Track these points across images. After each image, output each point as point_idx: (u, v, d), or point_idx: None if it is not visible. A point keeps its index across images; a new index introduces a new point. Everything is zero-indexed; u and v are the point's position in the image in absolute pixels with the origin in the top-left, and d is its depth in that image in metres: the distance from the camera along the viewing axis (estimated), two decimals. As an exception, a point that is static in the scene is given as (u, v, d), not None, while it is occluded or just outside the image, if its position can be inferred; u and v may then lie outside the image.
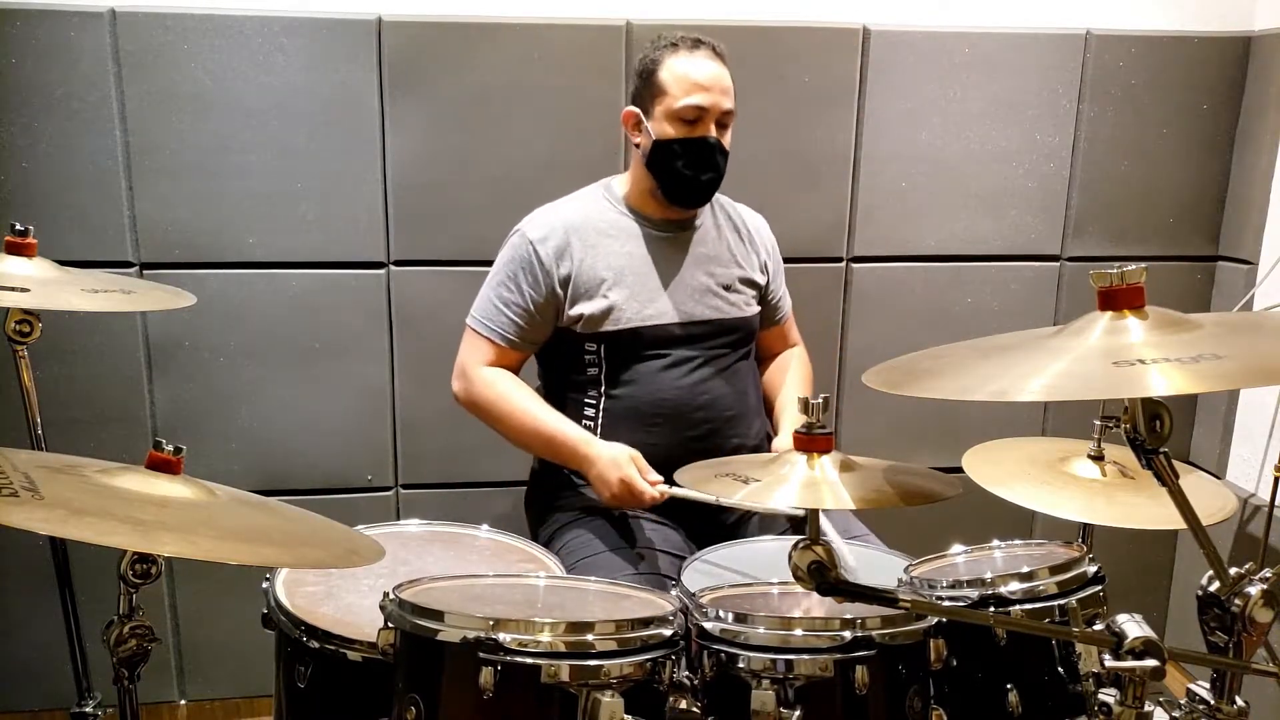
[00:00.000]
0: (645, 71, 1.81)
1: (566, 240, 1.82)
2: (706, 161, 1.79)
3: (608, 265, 1.82)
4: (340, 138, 2.17)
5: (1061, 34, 2.35)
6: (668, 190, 1.82)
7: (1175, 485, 1.00)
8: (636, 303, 1.82)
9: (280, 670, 1.43)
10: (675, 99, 1.76)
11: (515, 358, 1.87)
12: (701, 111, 1.76)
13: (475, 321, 1.87)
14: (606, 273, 1.81)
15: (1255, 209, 2.38)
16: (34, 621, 2.24)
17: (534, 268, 1.81)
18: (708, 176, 1.80)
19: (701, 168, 1.79)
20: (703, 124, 1.77)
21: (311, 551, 1.26)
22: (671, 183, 1.81)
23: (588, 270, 1.81)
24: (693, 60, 1.77)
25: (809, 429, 1.28)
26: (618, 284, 1.81)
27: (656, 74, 1.78)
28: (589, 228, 1.84)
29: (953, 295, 2.44)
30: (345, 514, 1.38)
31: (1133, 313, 1.07)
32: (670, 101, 1.77)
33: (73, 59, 2.05)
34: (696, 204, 1.88)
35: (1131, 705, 1.00)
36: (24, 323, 1.58)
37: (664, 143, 1.78)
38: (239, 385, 2.24)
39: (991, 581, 1.35)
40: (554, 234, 1.82)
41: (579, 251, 1.81)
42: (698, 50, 1.78)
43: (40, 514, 1.01)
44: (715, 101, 1.77)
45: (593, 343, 1.82)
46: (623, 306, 1.81)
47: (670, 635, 1.23)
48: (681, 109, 1.76)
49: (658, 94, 1.78)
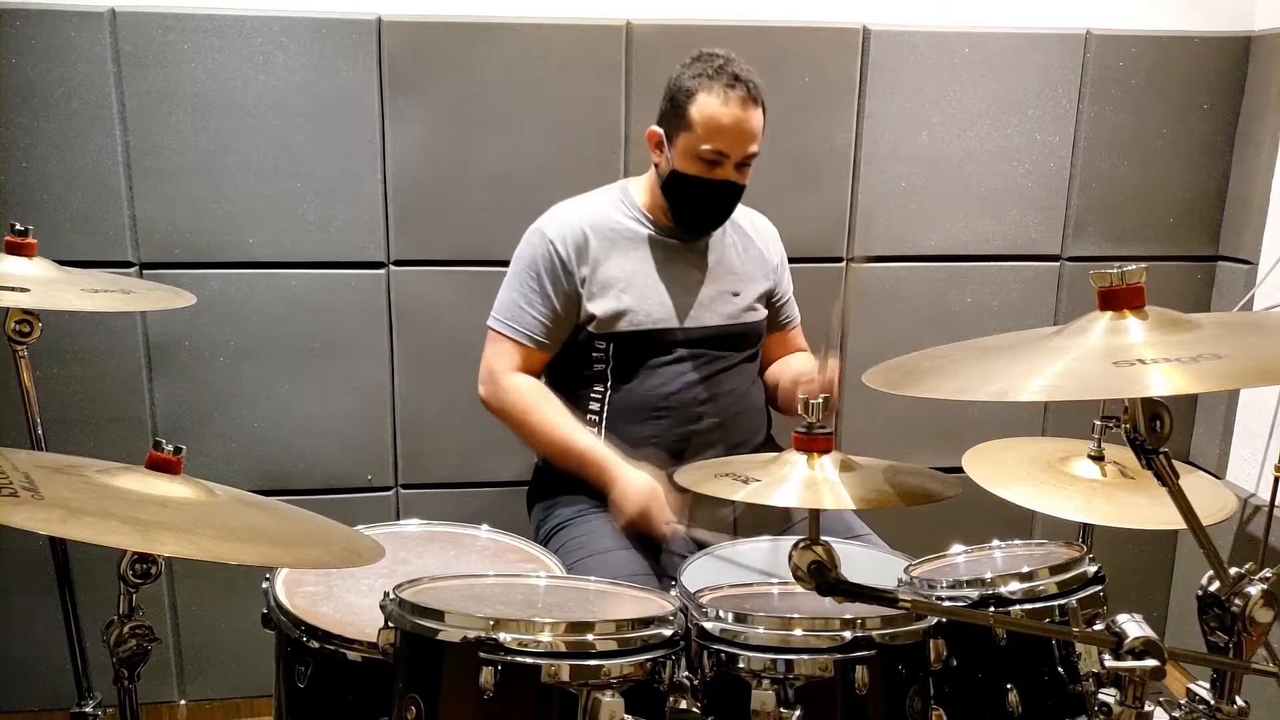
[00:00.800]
0: (676, 99, 1.76)
1: (585, 239, 1.83)
2: (721, 201, 1.82)
3: (621, 268, 1.83)
4: (340, 138, 2.17)
5: (1061, 34, 2.35)
6: (679, 218, 1.85)
7: (1175, 485, 1.00)
8: (647, 306, 1.83)
9: (280, 670, 1.43)
10: (700, 139, 1.74)
11: (540, 359, 1.87)
12: (723, 156, 1.75)
13: (499, 324, 1.86)
14: (620, 275, 1.83)
15: (1255, 209, 2.38)
16: (34, 621, 2.24)
17: (555, 266, 1.81)
18: (720, 212, 1.84)
19: (715, 205, 1.82)
20: (722, 167, 1.76)
21: (311, 551, 1.26)
22: (684, 214, 1.84)
23: (603, 271, 1.82)
24: (726, 105, 1.72)
25: (809, 429, 1.29)
26: (630, 287, 1.83)
27: (687, 108, 1.74)
28: (606, 228, 1.85)
29: (953, 295, 2.44)
30: (345, 514, 1.38)
31: (1133, 313, 1.07)
32: (694, 140, 1.74)
33: (72, 59, 2.05)
34: (705, 232, 1.90)
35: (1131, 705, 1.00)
36: (24, 323, 1.58)
37: (682, 176, 1.78)
38: (239, 385, 2.24)
39: (991, 581, 1.35)
40: (573, 232, 1.83)
41: (596, 251, 1.82)
42: (733, 91, 1.72)
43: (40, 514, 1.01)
44: (739, 147, 1.75)
45: (602, 341, 1.84)
46: (634, 309, 1.82)
47: (670, 635, 1.23)
48: (704, 152, 1.74)
49: (684, 127, 1.75)
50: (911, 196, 2.38)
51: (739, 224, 1.98)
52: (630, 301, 1.82)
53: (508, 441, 2.26)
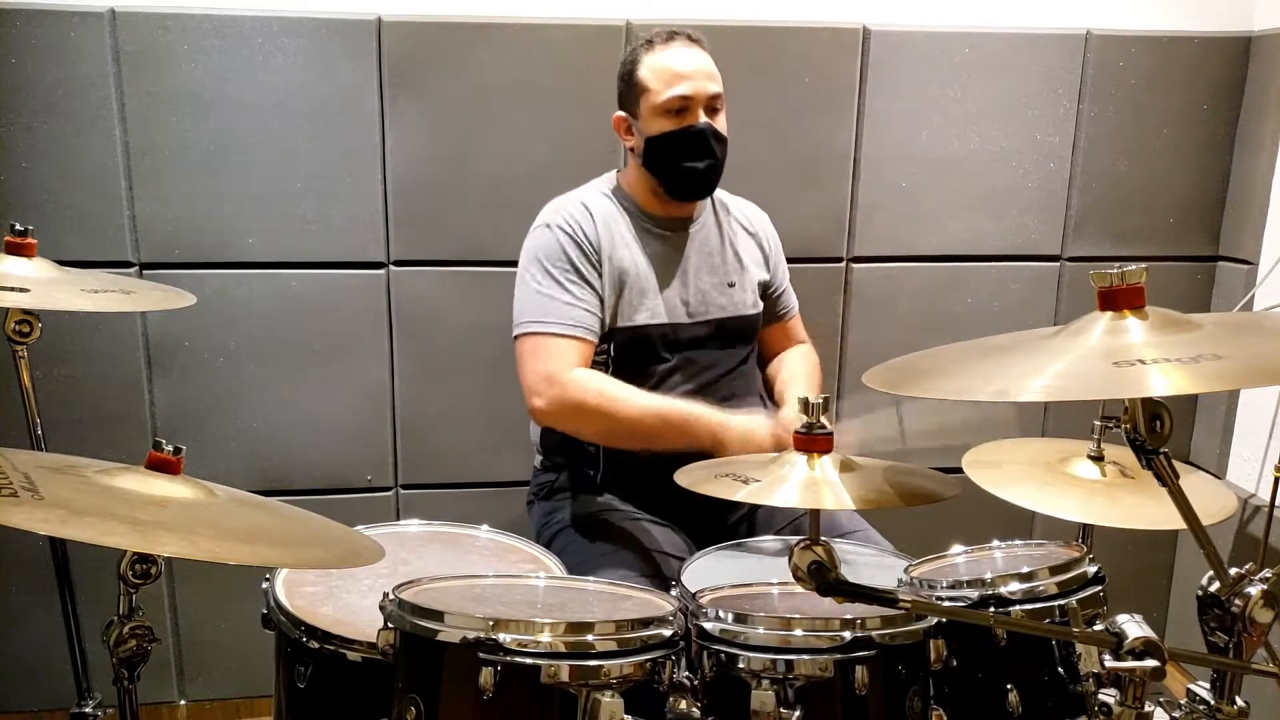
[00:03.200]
0: (626, 74, 1.81)
1: (594, 225, 1.82)
2: (702, 149, 1.77)
3: (622, 259, 1.82)
4: (340, 138, 2.17)
5: (1061, 34, 2.35)
6: (669, 185, 1.82)
7: (1175, 485, 1.00)
8: (648, 301, 1.82)
9: (280, 670, 1.43)
10: (658, 93, 1.75)
11: (590, 355, 1.78)
12: (687, 100, 1.75)
13: (542, 325, 1.75)
14: (620, 269, 1.81)
15: (1255, 209, 2.38)
16: (34, 621, 2.24)
17: (583, 250, 1.79)
18: (706, 164, 1.79)
19: (698, 156, 1.77)
20: (690, 113, 1.76)
21: (311, 552, 1.26)
22: (671, 177, 1.80)
23: (611, 262, 1.81)
24: (669, 52, 1.76)
25: (809, 429, 1.28)
26: (630, 282, 1.81)
27: (636, 73, 1.78)
28: (607, 217, 1.84)
29: (953, 295, 2.44)
30: (345, 514, 1.38)
31: (1133, 313, 1.07)
32: (654, 97, 1.76)
33: (72, 59, 2.05)
34: (700, 194, 1.87)
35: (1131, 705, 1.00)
36: (24, 323, 1.58)
37: (655, 138, 1.77)
38: (239, 385, 2.24)
39: (991, 582, 1.35)
40: (584, 218, 1.82)
41: (604, 238, 1.81)
42: (673, 41, 1.77)
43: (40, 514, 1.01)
44: (699, 88, 1.75)
45: (603, 341, 1.82)
46: (630, 304, 1.81)
47: (670, 635, 1.23)
48: (666, 101, 1.75)
49: (641, 92, 1.77)
50: (911, 196, 2.38)
51: (731, 213, 1.96)
52: (633, 294, 1.81)
53: (508, 441, 2.28)
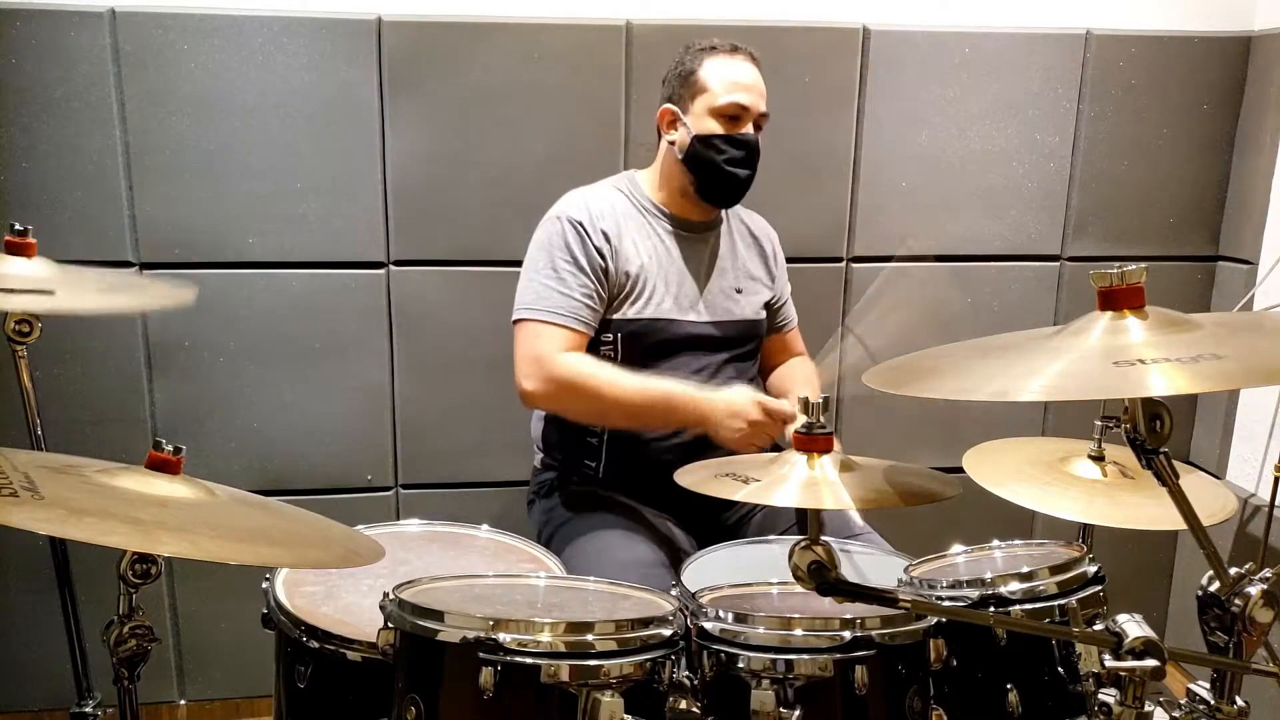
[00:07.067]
0: (684, 72, 1.84)
1: (606, 219, 1.83)
2: (746, 159, 1.83)
3: (634, 255, 1.83)
4: (340, 138, 2.17)
5: (1061, 34, 2.35)
6: (705, 186, 1.84)
7: (1175, 485, 0.99)
8: (655, 296, 1.83)
9: (280, 670, 1.43)
10: (718, 96, 1.80)
11: (582, 345, 1.80)
12: (742, 110, 1.80)
13: (536, 313, 1.78)
14: (629, 264, 1.83)
15: (1255, 209, 2.38)
16: (34, 621, 2.24)
17: (586, 244, 1.80)
18: (745, 174, 1.84)
19: (741, 164, 1.82)
20: (742, 122, 1.81)
21: (311, 551, 1.26)
22: (709, 178, 1.83)
23: (621, 255, 1.82)
24: (733, 62, 1.82)
25: (809, 429, 1.28)
26: (639, 276, 1.83)
27: (697, 72, 1.82)
28: (620, 213, 1.86)
29: (953, 295, 2.44)
30: (345, 514, 1.38)
31: (1133, 313, 1.07)
32: (712, 99, 1.80)
33: (72, 59, 2.05)
34: (730, 201, 1.91)
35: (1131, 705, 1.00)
36: (24, 323, 1.58)
37: (705, 137, 1.81)
38: (239, 385, 2.24)
39: (991, 581, 1.35)
40: (594, 213, 1.83)
41: (615, 233, 1.83)
42: (737, 54, 1.83)
43: (40, 514, 1.01)
44: (755, 103, 1.82)
45: (609, 332, 1.83)
46: (644, 298, 1.83)
47: (670, 635, 1.23)
48: (725, 105, 1.80)
49: (698, 91, 1.81)
50: (911, 196, 2.38)
51: (741, 221, 1.99)
52: (639, 289, 1.83)
53: (508, 441, 2.28)
